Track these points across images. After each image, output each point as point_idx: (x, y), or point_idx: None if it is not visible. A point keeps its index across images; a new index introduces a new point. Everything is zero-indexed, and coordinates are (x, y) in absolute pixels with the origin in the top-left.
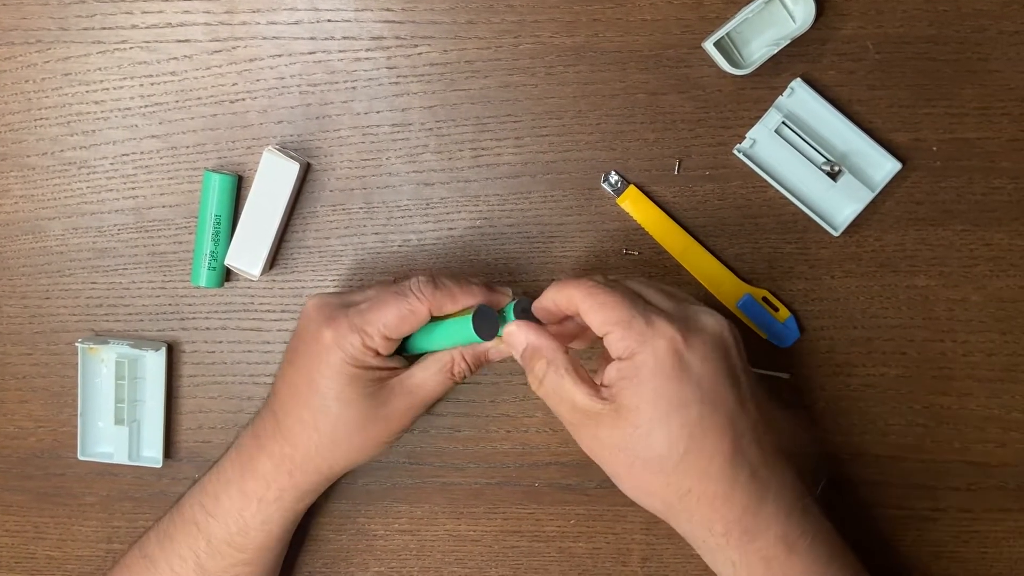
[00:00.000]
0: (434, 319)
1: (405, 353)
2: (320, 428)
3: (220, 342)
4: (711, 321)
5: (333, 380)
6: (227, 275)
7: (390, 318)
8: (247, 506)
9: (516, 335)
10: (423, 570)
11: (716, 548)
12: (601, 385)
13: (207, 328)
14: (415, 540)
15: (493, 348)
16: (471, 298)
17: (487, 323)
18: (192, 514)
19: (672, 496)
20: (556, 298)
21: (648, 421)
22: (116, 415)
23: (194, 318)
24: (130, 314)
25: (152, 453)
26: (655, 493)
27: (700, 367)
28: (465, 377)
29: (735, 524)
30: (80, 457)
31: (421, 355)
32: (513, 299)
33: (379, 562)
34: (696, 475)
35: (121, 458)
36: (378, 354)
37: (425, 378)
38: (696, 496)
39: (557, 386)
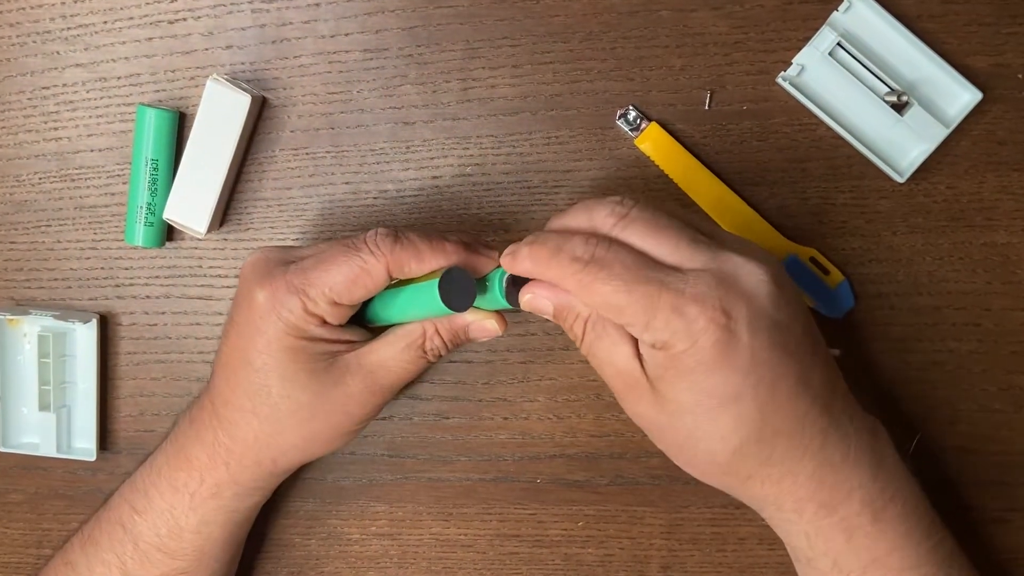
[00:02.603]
0: (399, 284)
1: (369, 324)
2: (259, 412)
3: (162, 313)
4: (754, 272)
5: (271, 355)
6: (170, 233)
7: (337, 278)
8: (178, 502)
9: (537, 299)
10: None
11: (787, 522)
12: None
13: (147, 296)
14: (396, 545)
15: (476, 323)
16: (443, 257)
17: (459, 289)
18: (119, 513)
19: (731, 481)
20: (538, 271)
21: (692, 417)
22: (41, 400)
23: (131, 284)
24: (55, 279)
25: (85, 444)
26: (710, 477)
27: (752, 341)
28: (440, 356)
29: (807, 501)
30: (1, 449)
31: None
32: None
33: (354, 570)
34: (756, 462)
35: (49, 450)
36: (325, 322)
37: (388, 356)
38: (759, 480)
39: (595, 346)
